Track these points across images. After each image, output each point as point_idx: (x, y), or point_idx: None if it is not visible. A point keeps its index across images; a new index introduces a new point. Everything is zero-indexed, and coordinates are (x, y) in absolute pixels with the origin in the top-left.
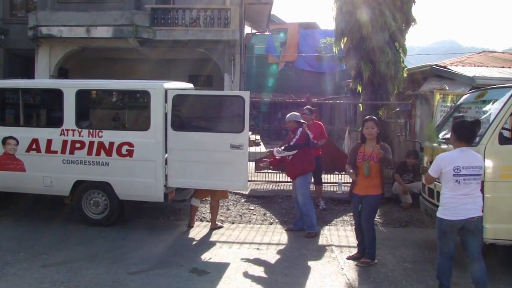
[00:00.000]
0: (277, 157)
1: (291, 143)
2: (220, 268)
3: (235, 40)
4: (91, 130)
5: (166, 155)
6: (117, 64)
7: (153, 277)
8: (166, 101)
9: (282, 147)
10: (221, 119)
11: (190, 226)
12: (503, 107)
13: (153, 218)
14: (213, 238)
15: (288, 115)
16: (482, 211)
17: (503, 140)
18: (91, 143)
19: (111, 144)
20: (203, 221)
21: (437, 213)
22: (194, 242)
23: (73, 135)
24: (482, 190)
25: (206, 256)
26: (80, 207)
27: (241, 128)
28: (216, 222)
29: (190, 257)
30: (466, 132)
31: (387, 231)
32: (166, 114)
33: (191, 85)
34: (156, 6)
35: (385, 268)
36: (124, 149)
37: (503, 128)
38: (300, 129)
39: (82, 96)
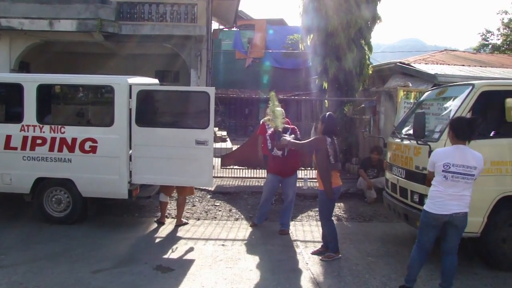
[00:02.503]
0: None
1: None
2: (185, 265)
3: (202, 36)
4: (53, 126)
5: (130, 151)
6: (81, 59)
7: (117, 275)
8: (130, 97)
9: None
10: (186, 115)
11: (161, 222)
12: (461, 103)
13: (118, 215)
14: (178, 234)
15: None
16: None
17: None
18: (53, 139)
19: (74, 140)
20: (168, 218)
21: (424, 206)
22: (159, 239)
23: (34, 131)
24: None
25: (171, 253)
26: (42, 205)
27: (206, 124)
28: (182, 219)
29: (154, 254)
30: (465, 130)
31: (352, 225)
32: (130, 109)
33: (156, 81)
34: (122, 0)
35: (349, 262)
36: (87, 145)
37: None
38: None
39: (43, 91)
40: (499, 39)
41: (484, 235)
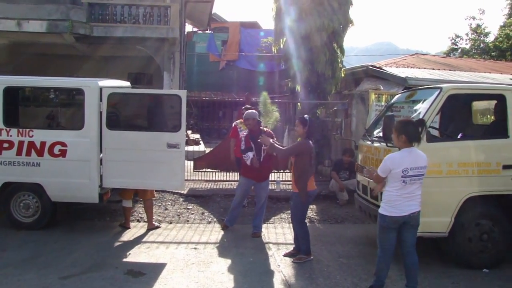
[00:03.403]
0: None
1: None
2: (157, 269)
3: (175, 38)
4: (20, 130)
5: (101, 154)
6: (52, 61)
7: (86, 281)
8: (101, 100)
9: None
10: (157, 118)
11: (126, 227)
12: (430, 106)
13: (88, 220)
14: (150, 238)
15: (249, 111)
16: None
17: (430, 138)
18: (21, 143)
19: (43, 144)
20: (140, 222)
21: (379, 210)
22: (130, 243)
23: (1, 135)
24: None
25: (142, 257)
26: (9, 211)
27: (178, 127)
28: (153, 222)
29: (125, 259)
30: (416, 132)
31: (324, 227)
32: (101, 113)
33: (127, 83)
34: (94, 1)
35: (321, 264)
36: (56, 149)
37: (431, 127)
38: (269, 130)
39: (10, 93)
40: (467, 44)
41: (452, 234)
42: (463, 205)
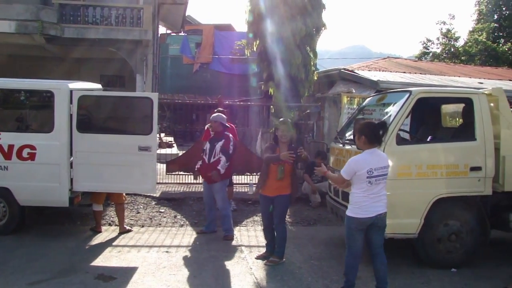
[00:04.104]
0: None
1: (230, 151)
2: (128, 273)
3: (148, 40)
4: None
5: (71, 158)
6: (22, 62)
7: (55, 286)
8: (71, 102)
9: (224, 160)
10: (129, 121)
11: (97, 231)
12: (400, 109)
13: (58, 224)
14: (121, 242)
15: (214, 115)
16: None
17: (400, 141)
18: None
19: (11, 147)
20: (111, 225)
21: (346, 212)
22: (101, 248)
23: None
24: None
25: (113, 261)
26: None
27: (149, 130)
28: (125, 226)
29: (96, 263)
30: (377, 134)
31: (296, 229)
32: (71, 115)
33: (99, 86)
34: (65, 1)
35: (293, 266)
36: (25, 152)
37: (402, 130)
38: (230, 135)
39: None
40: (438, 48)
41: (421, 235)
42: (432, 206)
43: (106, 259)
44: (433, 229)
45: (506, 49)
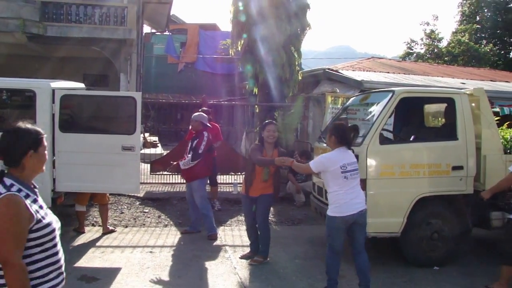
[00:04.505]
0: (184, 168)
1: (200, 151)
2: (111, 273)
3: (132, 39)
4: None
5: (54, 158)
6: (2, 60)
7: None
8: (53, 101)
9: (189, 157)
10: (112, 121)
11: (81, 232)
12: (383, 109)
13: None
14: (104, 243)
15: (195, 114)
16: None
17: (383, 141)
18: None
19: None
20: (95, 226)
21: (327, 212)
22: (84, 248)
23: None
24: (364, 187)
25: (96, 262)
26: None
27: (133, 129)
28: (108, 226)
29: (79, 264)
30: (346, 135)
31: (281, 229)
32: (53, 115)
33: (82, 85)
34: None
35: (277, 265)
36: None
37: (385, 130)
38: (206, 134)
39: None
40: (422, 49)
41: (404, 234)
42: (415, 205)
43: (89, 260)
44: (416, 228)
45: (488, 50)
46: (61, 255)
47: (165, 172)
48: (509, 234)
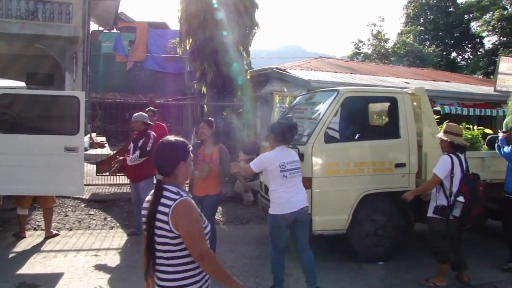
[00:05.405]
0: (131, 164)
1: (148, 149)
2: (52, 279)
3: (78, 37)
4: None
5: None
6: None
7: None
8: None
9: (137, 154)
10: (54, 121)
11: (22, 236)
12: (328, 108)
13: None
14: (47, 247)
15: (135, 114)
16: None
17: (328, 139)
18: None
19: None
20: (37, 230)
21: (269, 210)
22: (24, 254)
23: None
24: (310, 185)
25: (37, 268)
26: None
27: (76, 130)
28: (52, 230)
29: (18, 271)
30: (285, 133)
31: (229, 229)
32: None
33: (22, 84)
34: None
35: (224, 265)
36: None
37: (330, 128)
38: (152, 133)
39: None
40: (369, 49)
41: (349, 231)
42: (360, 202)
43: (30, 266)
44: (361, 225)
45: (431, 51)
46: None
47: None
48: (431, 232)
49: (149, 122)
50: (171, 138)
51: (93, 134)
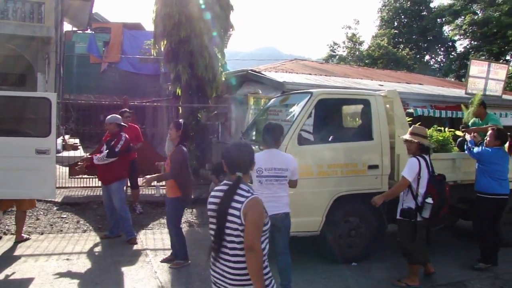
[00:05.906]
0: (98, 163)
1: (117, 149)
2: (22, 285)
3: (50, 37)
4: None
5: None
6: None
7: None
8: None
9: (104, 153)
10: (25, 123)
11: None
12: (301, 110)
13: None
14: (17, 252)
15: (108, 117)
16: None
17: (301, 141)
18: None
19: None
20: (6, 235)
21: None
22: None
23: None
24: None
25: (6, 273)
26: None
27: (48, 132)
28: (22, 234)
29: None
30: (270, 135)
31: (203, 231)
32: None
33: None
34: None
35: (198, 267)
36: None
37: (304, 130)
38: (124, 134)
39: None
40: (344, 51)
41: (323, 232)
42: (333, 204)
43: None
44: (335, 226)
45: (405, 54)
46: None
47: (85, 176)
48: (399, 233)
49: (123, 124)
50: (240, 141)
51: (66, 136)
